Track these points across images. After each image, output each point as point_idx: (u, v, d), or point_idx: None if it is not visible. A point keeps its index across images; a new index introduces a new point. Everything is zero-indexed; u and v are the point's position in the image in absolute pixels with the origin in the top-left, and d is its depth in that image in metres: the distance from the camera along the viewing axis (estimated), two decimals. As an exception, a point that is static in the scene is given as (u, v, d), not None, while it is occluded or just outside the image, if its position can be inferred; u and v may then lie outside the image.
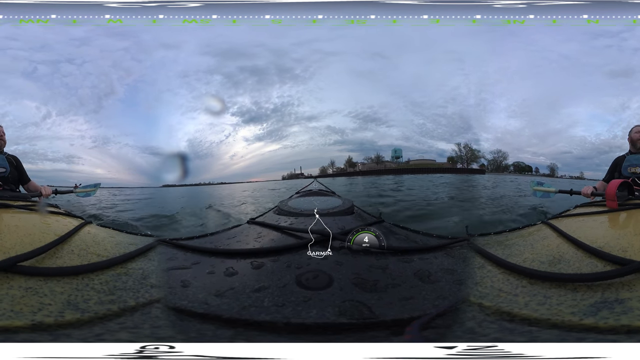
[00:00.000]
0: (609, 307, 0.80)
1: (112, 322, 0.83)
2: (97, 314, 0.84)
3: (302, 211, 1.85)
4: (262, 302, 0.90)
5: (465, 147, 15.24)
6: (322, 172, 16.77)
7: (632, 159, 2.40)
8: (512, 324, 0.81)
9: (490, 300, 0.91)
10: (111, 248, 1.34)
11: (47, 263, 1.06)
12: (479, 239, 1.48)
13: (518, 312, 0.84)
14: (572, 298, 0.86)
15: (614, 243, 1.12)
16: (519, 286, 0.96)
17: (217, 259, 1.23)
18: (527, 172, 14.91)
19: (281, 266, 1.11)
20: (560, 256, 1.13)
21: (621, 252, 1.04)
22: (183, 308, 0.90)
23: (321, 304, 0.88)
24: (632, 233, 1.20)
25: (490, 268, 1.10)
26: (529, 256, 1.21)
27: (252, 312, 0.86)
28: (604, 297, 0.84)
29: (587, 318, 0.78)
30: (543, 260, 1.14)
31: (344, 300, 0.90)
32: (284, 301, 0.90)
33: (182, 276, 1.10)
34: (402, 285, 0.99)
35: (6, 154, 2.53)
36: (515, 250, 1.31)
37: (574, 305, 0.83)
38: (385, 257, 1.18)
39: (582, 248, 1.13)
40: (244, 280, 1.04)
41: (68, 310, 0.83)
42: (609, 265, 0.99)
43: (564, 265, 1.07)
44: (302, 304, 0.89)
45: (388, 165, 16.32)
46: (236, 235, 1.63)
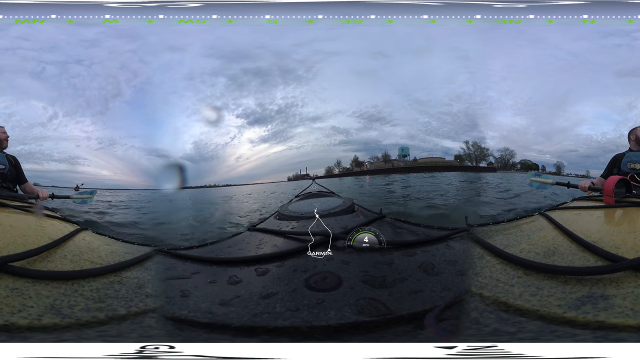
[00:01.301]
0: (592, 302, 0.81)
1: (92, 329, 0.81)
2: (79, 320, 0.82)
3: (303, 214, 1.85)
4: (274, 308, 0.89)
5: (473, 145, 15.24)
6: (328, 172, 16.78)
7: (633, 155, 2.41)
8: (507, 315, 0.83)
9: (489, 290, 0.94)
10: (106, 256, 1.32)
11: (39, 266, 1.04)
12: (478, 230, 1.50)
13: (513, 303, 0.86)
14: (562, 290, 0.88)
15: (607, 239, 1.14)
16: (515, 276, 0.99)
17: (218, 268, 1.21)
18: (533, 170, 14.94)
19: (287, 271, 1.10)
20: (555, 248, 1.15)
21: (614, 248, 1.05)
22: (183, 318, 0.88)
23: (337, 305, 0.88)
24: (626, 230, 1.21)
25: (489, 258, 1.13)
26: (526, 247, 1.23)
27: (266, 319, 0.85)
28: (591, 291, 0.86)
29: (570, 311, 0.79)
30: (538, 251, 1.16)
31: (357, 298, 0.90)
32: (298, 305, 0.89)
33: (181, 286, 1.08)
34: (409, 279, 1.01)
35: (5, 153, 2.55)
36: (513, 240, 1.34)
37: (562, 297, 0.85)
38: (389, 253, 1.19)
39: (577, 241, 1.14)
40: (249, 287, 1.02)
41: (48, 314, 0.81)
42: (600, 260, 1.01)
43: (558, 257, 1.09)
44: (317, 307, 0.88)
45: (396, 164, 16.32)
46: (237, 243, 1.62)
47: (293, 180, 16.14)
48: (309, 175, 16.15)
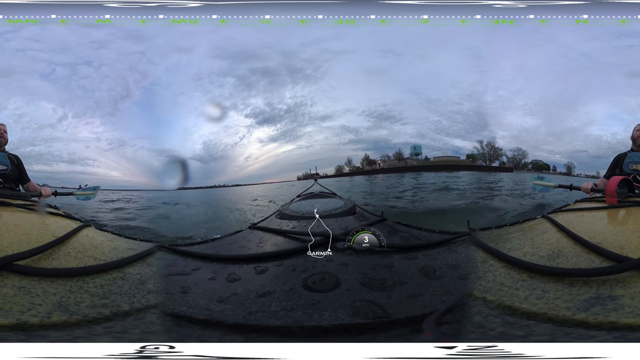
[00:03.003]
0: (601, 303, 0.81)
1: (100, 325, 0.82)
2: (86, 317, 0.83)
3: (304, 214, 1.86)
4: (270, 307, 0.89)
5: (487, 144, 15.21)
6: (338, 171, 16.76)
7: (634, 156, 2.40)
8: (514, 318, 0.83)
9: (493, 294, 0.93)
10: (109, 252, 1.33)
11: (43, 264, 1.05)
12: (481, 234, 1.49)
13: (519, 306, 0.86)
14: (569, 293, 0.87)
15: (611, 239, 1.13)
16: (519, 280, 0.98)
17: (218, 265, 1.22)
18: (544, 170, 14.88)
19: (286, 270, 1.11)
20: (559, 250, 1.15)
21: (618, 249, 1.05)
22: (182, 314, 0.89)
23: (332, 306, 0.88)
24: (630, 230, 1.21)
25: (492, 262, 1.12)
26: (529, 250, 1.22)
27: (259, 317, 0.85)
28: (598, 293, 0.85)
29: (579, 313, 0.79)
30: (542, 254, 1.16)
31: (353, 300, 0.89)
32: (293, 305, 0.89)
33: (181, 282, 1.08)
34: (409, 283, 1.00)
35: (7, 152, 2.54)
36: (516, 244, 1.33)
37: (570, 300, 0.85)
38: (390, 256, 1.19)
39: (581, 243, 1.14)
40: (247, 285, 1.03)
41: (57, 312, 0.82)
42: (605, 261, 1.00)
43: (562, 259, 1.09)
44: (312, 307, 0.88)
45: (409, 162, 16.25)
46: (238, 240, 1.62)
47: (303, 179, 16.06)
48: (319, 174, 16.10)
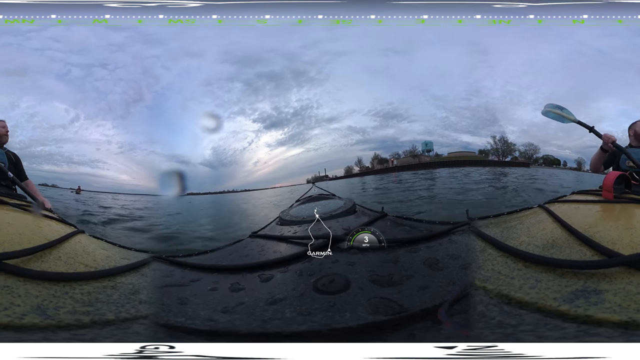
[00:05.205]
0: (585, 297, 0.82)
1: (69, 332, 0.79)
2: (60, 322, 0.81)
3: (304, 218, 1.83)
4: (283, 313, 0.87)
5: (500, 140, 15.22)
6: (347, 172, 16.81)
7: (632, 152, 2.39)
8: (509, 307, 0.86)
9: (492, 283, 0.96)
10: (101, 260, 1.29)
11: (32, 265, 1.03)
12: (479, 222, 1.51)
13: (514, 296, 0.88)
14: (559, 284, 0.89)
15: (604, 234, 1.14)
16: (515, 269, 1.01)
17: (219, 275, 1.18)
18: (555, 164, 14.92)
19: (292, 276, 1.10)
20: (554, 241, 1.17)
21: (610, 244, 1.06)
22: (179, 325, 0.86)
23: (349, 306, 0.87)
24: (623, 226, 1.21)
25: (491, 251, 1.15)
26: (525, 239, 1.25)
27: (277, 325, 0.82)
28: (585, 285, 0.87)
29: (564, 305, 0.80)
30: (538, 243, 1.18)
31: (368, 298, 0.89)
32: (309, 309, 0.87)
33: (179, 293, 1.05)
34: (415, 276, 1.02)
35: (6, 149, 2.52)
36: (513, 233, 1.36)
37: (558, 290, 0.86)
38: (394, 250, 1.20)
39: (574, 235, 1.15)
40: (254, 294, 1.00)
41: (32, 314, 0.81)
42: (596, 255, 1.01)
43: (556, 250, 1.10)
44: (330, 309, 0.86)
45: (422, 159, 16.24)
46: (238, 250, 1.59)
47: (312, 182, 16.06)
48: (328, 177, 16.11)
